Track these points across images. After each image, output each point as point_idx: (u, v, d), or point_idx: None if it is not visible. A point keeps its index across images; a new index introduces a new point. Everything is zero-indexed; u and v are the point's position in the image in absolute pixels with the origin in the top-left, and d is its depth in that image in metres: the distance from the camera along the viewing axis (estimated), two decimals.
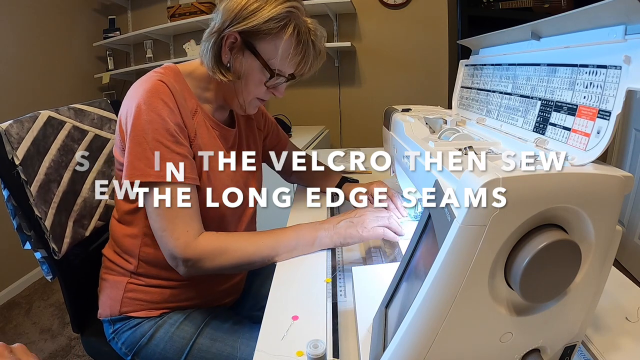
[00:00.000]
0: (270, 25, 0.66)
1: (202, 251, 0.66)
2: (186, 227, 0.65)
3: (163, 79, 0.68)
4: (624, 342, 0.50)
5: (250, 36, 0.68)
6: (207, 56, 0.70)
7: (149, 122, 0.64)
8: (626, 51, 0.33)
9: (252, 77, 0.72)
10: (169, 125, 0.65)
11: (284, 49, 0.68)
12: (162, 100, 0.65)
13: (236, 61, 0.70)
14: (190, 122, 0.70)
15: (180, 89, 0.70)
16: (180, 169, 0.65)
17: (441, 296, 0.33)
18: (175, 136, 0.66)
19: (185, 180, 0.66)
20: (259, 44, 0.68)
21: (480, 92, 0.64)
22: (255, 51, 0.69)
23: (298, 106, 2.50)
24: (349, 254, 0.79)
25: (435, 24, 2.27)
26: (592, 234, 0.33)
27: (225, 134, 0.81)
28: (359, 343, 0.52)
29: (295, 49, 0.69)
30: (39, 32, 2.23)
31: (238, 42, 0.69)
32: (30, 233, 0.81)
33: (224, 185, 0.76)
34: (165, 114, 0.65)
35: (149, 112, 0.64)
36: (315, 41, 0.72)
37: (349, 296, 0.64)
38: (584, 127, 0.37)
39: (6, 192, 0.79)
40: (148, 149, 0.64)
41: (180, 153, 0.66)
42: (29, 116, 0.82)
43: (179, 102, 0.68)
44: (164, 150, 0.64)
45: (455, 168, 0.40)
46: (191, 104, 0.73)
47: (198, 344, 0.75)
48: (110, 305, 0.80)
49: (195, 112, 0.73)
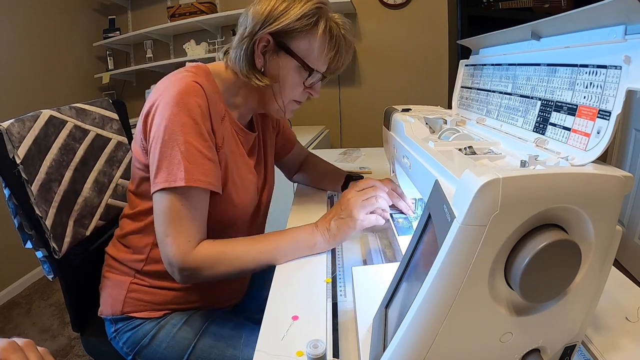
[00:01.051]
0: (303, 23, 0.66)
1: (199, 261, 0.65)
2: (188, 237, 0.64)
3: (198, 79, 0.65)
4: (624, 342, 0.50)
5: (283, 36, 0.67)
6: (241, 62, 0.69)
7: (181, 124, 0.61)
8: (626, 51, 0.33)
9: (290, 78, 0.71)
10: (201, 128, 0.62)
11: (319, 44, 0.68)
12: (197, 102, 0.62)
13: (271, 64, 0.69)
14: (219, 127, 0.68)
15: (212, 92, 0.68)
16: (209, 175, 0.63)
17: (441, 296, 0.33)
18: (206, 140, 0.64)
19: (208, 186, 0.64)
20: (293, 43, 0.68)
21: (480, 92, 0.64)
22: (290, 51, 0.68)
23: None
24: (349, 254, 0.79)
25: (435, 24, 2.27)
26: (592, 234, 0.33)
27: (248, 139, 0.81)
28: (359, 343, 0.52)
29: (330, 44, 0.69)
30: (39, 32, 2.23)
31: (271, 44, 0.68)
32: (31, 232, 0.81)
33: (245, 190, 0.76)
34: (198, 116, 0.62)
35: (181, 114, 0.61)
36: (346, 34, 0.72)
37: (349, 296, 0.64)
38: (584, 127, 0.37)
39: (7, 191, 0.79)
40: (178, 151, 0.61)
41: (210, 158, 0.64)
42: (30, 115, 0.82)
43: (211, 106, 0.65)
44: (195, 154, 0.62)
45: (455, 168, 0.40)
46: (220, 109, 0.71)
47: (200, 346, 0.75)
48: (112, 305, 0.80)
49: (224, 117, 0.71)
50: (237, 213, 0.75)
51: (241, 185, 0.74)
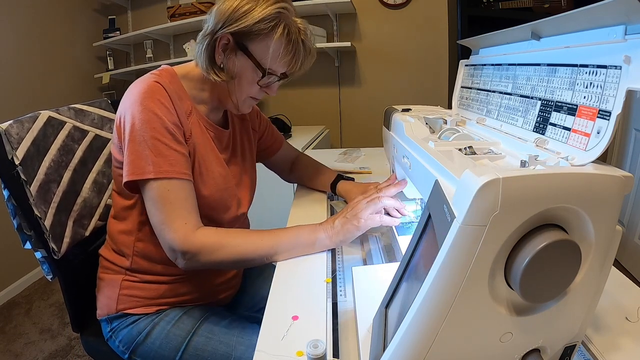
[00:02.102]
0: (261, 26, 0.68)
1: (201, 244, 0.66)
2: (184, 220, 0.66)
3: (159, 80, 0.69)
4: (624, 342, 0.50)
5: (243, 37, 0.70)
6: (202, 57, 0.72)
7: (147, 121, 0.65)
8: (626, 51, 0.33)
9: (245, 77, 0.73)
10: (166, 124, 0.67)
11: (274, 48, 0.70)
12: (159, 100, 0.67)
13: (229, 62, 0.72)
14: (186, 122, 0.72)
15: (175, 90, 0.72)
16: (178, 165, 0.67)
17: (441, 296, 0.33)
18: (172, 134, 0.67)
19: (182, 176, 0.68)
20: (251, 44, 0.70)
21: (480, 92, 0.64)
22: (247, 51, 0.71)
23: (298, 106, 2.50)
24: (349, 254, 0.79)
25: (435, 24, 2.27)
26: (592, 234, 0.33)
27: (219, 135, 0.83)
28: (359, 343, 0.52)
29: (286, 48, 0.71)
30: (39, 32, 2.23)
31: (231, 43, 0.71)
32: (31, 233, 0.81)
33: (215, 185, 0.77)
34: (162, 112, 0.67)
35: (146, 112, 0.66)
36: (305, 40, 0.74)
37: (349, 296, 0.64)
38: (584, 127, 0.37)
39: (6, 192, 0.79)
40: (146, 147, 0.65)
41: (178, 150, 0.68)
42: (29, 116, 0.82)
43: (174, 102, 0.70)
44: (162, 147, 0.66)
45: (455, 168, 0.40)
46: (186, 105, 0.74)
47: (194, 342, 0.76)
48: (107, 304, 0.81)
49: (190, 113, 0.75)
50: (206, 204, 0.76)
51: (208, 177, 0.76)
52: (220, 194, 0.79)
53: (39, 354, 1.61)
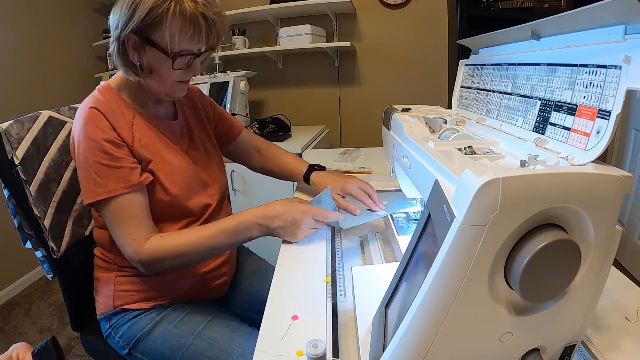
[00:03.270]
0: (154, 14, 0.68)
1: (151, 255, 0.72)
2: (134, 236, 0.72)
3: (95, 104, 0.72)
4: (624, 342, 0.50)
5: (144, 31, 0.70)
6: (118, 62, 0.74)
7: (87, 148, 0.70)
8: (626, 51, 0.33)
9: (161, 67, 0.74)
10: (103, 146, 0.70)
11: (171, 31, 0.69)
12: (95, 125, 0.71)
13: (142, 58, 0.73)
14: (129, 132, 0.75)
15: (114, 104, 0.75)
16: (123, 181, 0.70)
17: (441, 296, 0.33)
18: (110, 154, 0.71)
19: (129, 189, 0.72)
20: (153, 35, 0.70)
21: (480, 92, 0.64)
22: (152, 43, 0.71)
23: (298, 106, 2.50)
24: (349, 254, 0.79)
25: (435, 24, 2.27)
26: (592, 234, 0.33)
27: (170, 127, 0.84)
28: (359, 343, 0.52)
29: (183, 27, 0.70)
30: (39, 32, 2.23)
31: (137, 41, 0.71)
32: (31, 232, 0.81)
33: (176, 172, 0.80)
34: (99, 137, 0.70)
35: (85, 140, 0.70)
36: (206, 12, 0.71)
37: (349, 296, 0.64)
38: (584, 127, 0.37)
39: (7, 191, 0.79)
40: (92, 171, 0.70)
41: (120, 167, 0.71)
42: (29, 116, 0.82)
43: (112, 121, 0.73)
44: (105, 169, 0.70)
45: (455, 168, 0.40)
46: (128, 115, 0.76)
47: (195, 346, 0.76)
48: (105, 303, 0.82)
49: (134, 120, 0.77)
50: (179, 194, 0.79)
51: (169, 169, 0.79)
52: (183, 181, 0.80)
53: None
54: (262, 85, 2.50)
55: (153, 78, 0.75)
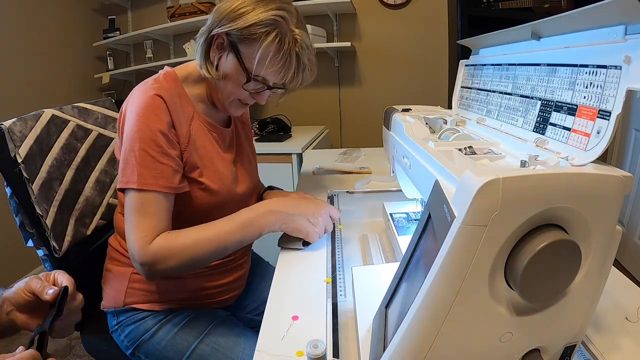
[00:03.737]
0: (253, 30, 0.68)
1: (152, 254, 0.66)
2: (145, 232, 0.67)
3: (160, 92, 0.70)
4: (624, 342, 0.50)
5: (236, 38, 0.70)
6: (198, 53, 0.74)
7: (138, 131, 0.67)
8: (626, 51, 0.33)
9: (233, 78, 0.74)
10: (157, 137, 0.68)
11: (262, 54, 0.69)
12: (155, 113, 0.69)
13: (221, 60, 0.73)
14: (186, 129, 0.74)
15: (177, 96, 0.74)
16: (162, 178, 0.68)
17: (441, 296, 0.33)
18: (161, 146, 0.68)
19: (163, 189, 0.68)
20: (242, 46, 0.70)
21: (480, 92, 0.64)
22: (238, 53, 0.71)
23: (298, 106, 2.50)
24: (349, 254, 0.79)
25: (435, 24, 2.27)
26: (592, 234, 0.33)
27: (221, 134, 0.84)
28: (359, 343, 0.52)
29: (274, 57, 0.70)
30: (39, 32, 2.23)
31: (225, 43, 0.71)
32: (32, 231, 0.81)
33: (220, 181, 0.79)
34: (156, 126, 0.68)
35: (140, 123, 0.68)
36: (301, 53, 0.72)
37: (349, 296, 0.64)
38: (584, 127, 0.37)
39: (9, 189, 0.79)
40: (133, 158, 0.67)
41: (165, 163, 0.69)
42: (32, 114, 0.82)
43: (173, 114, 0.71)
44: (149, 159, 0.67)
45: (455, 168, 0.40)
46: (188, 111, 0.75)
47: (199, 350, 0.76)
48: (115, 297, 0.81)
49: (192, 118, 0.76)
50: (216, 200, 0.78)
51: (216, 176, 0.78)
52: (228, 191, 0.80)
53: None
54: None
55: (221, 83, 0.75)
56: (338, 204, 1.01)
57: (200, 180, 0.75)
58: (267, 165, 1.82)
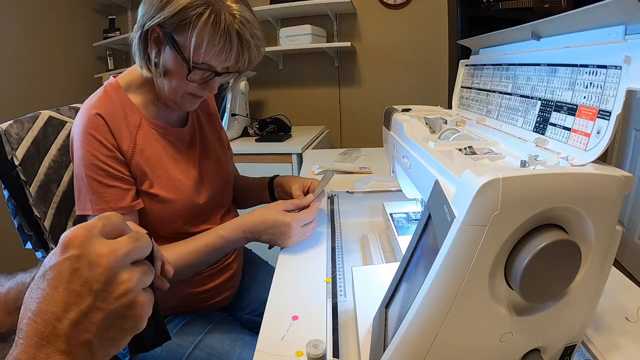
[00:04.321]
0: (185, 14, 0.62)
1: None
2: None
3: (100, 109, 0.68)
4: (624, 342, 0.50)
5: (170, 28, 0.64)
6: (135, 53, 0.70)
7: (82, 157, 0.67)
8: (626, 51, 0.33)
9: (175, 72, 0.68)
10: (100, 162, 0.67)
11: (197, 38, 0.63)
12: (92, 135, 0.67)
13: (160, 56, 0.68)
14: (130, 141, 0.71)
15: (121, 107, 0.71)
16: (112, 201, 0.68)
17: (441, 296, 0.33)
18: (105, 170, 0.67)
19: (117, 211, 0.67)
20: (178, 35, 0.65)
21: (480, 92, 0.64)
22: (175, 44, 0.65)
23: (298, 106, 2.50)
24: (349, 254, 0.79)
25: (435, 24, 2.26)
26: (592, 234, 0.33)
27: (178, 135, 0.80)
28: (359, 343, 0.52)
29: (212, 39, 0.63)
30: (39, 32, 2.23)
31: (160, 36, 0.66)
32: (31, 233, 0.81)
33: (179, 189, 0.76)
34: (95, 149, 0.67)
35: (82, 149, 0.67)
36: (242, 30, 0.65)
37: (349, 296, 0.64)
38: (584, 127, 0.37)
39: (6, 192, 0.79)
40: (83, 185, 0.68)
41: (112, 185, 0.68)
42: (29, 116, 0.82)
43: (115, 130, 0.68)
44: (96, 185, 0.67)
45: (455, 168, 0.40)
46: (133, 121, 0.72)
47: (194, 356, 0.76)
48: None
49: (139, 127, 0.73)
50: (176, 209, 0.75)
51: (170, 185, 0.75)
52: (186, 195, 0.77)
53: None
54: (262, 85, 2.50)
55: (165, 80, 0.70)
56: (338, 204, 1.01)
57: (152, 192, 0.73)
58: (267, 165, 1.82)
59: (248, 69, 0.73)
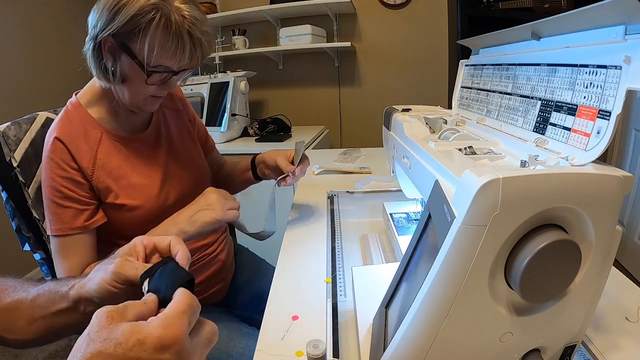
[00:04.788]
0: (136, 22, 0.63)
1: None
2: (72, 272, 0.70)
3: (60, 133, 0.70)
4: (624, 342, 0.50)
5: (123, 37, 0.65)
6: (91, 64, 0.71)
7: (44, 179, 0.71)
8: (626, 51, 0.33)
9: (134, 79, 0.70)
10: (57, 184, 0.69)
11: (150, 44, 0.64)
12: (52, 159, 0.70)
13: (116, 65, 0.69)
14: (91, 159, 0.72)
15: (81, 126, 0.73)
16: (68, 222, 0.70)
17: (441, 296, 0.33)
18: (61, 192, 0.70)
19: (70, 232, 0.70)
20: (131, 43, 0.66)
21: (480, 92, 0.64)
22: (129, 52, 0.66)
23: (298, 106, 2.50)
24: (349, 254, 0.79)
25: (435, 24, 2.27)
26: (592, 234, 0.33)
27: (142, 139, 0.80)
28: (359, 343, 0.52)
29: (165, 42, 0.65)
30: (39, 32, 2.23)
31: (114, 45, 0.67)
32: (29, 234, 0.81)
33: (146, 195, 0.77)
34: (54, 172, 0.70)
35: (44, 171, 0.71)
36: (192, 29, 0.66)
37: (349, 296, 0.64)
38: (584, 127, 0.37)
39: (4, 194, 0.79)
40: (46, 204, 0.71)
41: (68, 206, 0.70)
42: (26, 118, 0.82)
43: (74, 151, 0.70)
44: (53, 206, 0.70)
45: (455, 168, 0.40)
46: (94, 137, 0.73)
47: None
48: None
49: (100, 142, 0.74)
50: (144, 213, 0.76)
51: (133, 191, 0.75)
52: (154, 201, 0.77)
53: (39, 354, 1.61)
54: (262, 85, 2.50)
55: (125, 88, 0.71)
56: (338, 204, 1.01)
57: (118, 202, 0.74)
58: None
59: (200, 63, 0.75)
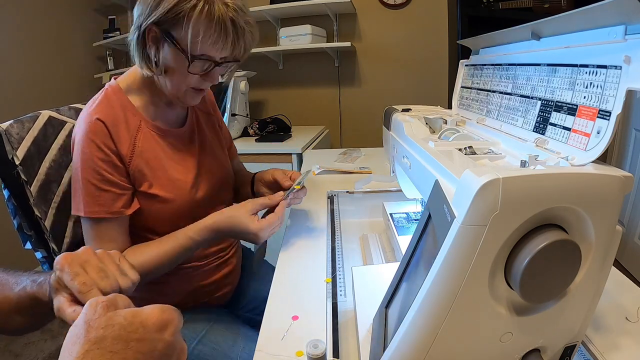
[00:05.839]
0: (179, 9, 0.64)
1: None
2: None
3: (101, 114, 0.69)
4: (624, 342, 0.50)
5: (166, 25, 0.66)
6: (135, 53, 0.71)
7: (81, 161, 0.69)
8: (626, 51, 0.33)
9: (176, 67, 0.69)
10: (97, 165, 0.68)
11: (194, 30, 0.64)
12: (93, 141, 0.68)
13: (159, 54, 0.69)
14: (129, 144, 0.72)
15: (121, 110, 0.72)
16: (106, 205, 0.69)
17: (441, 296, 0.33)
18: (101, 174, 0.69)
19: (108, 215, 0.70)
20: (174, 31, 0.66)
21: (480, 92, 0.64)
22: (172, 39, 0.67)
23: (298, 106, 2.50)
24: (349, 254, 0.79)
25: (435, 24, 2.27)
26: (592, 234, 0.33)
27: (178, 134, 0.81)
28: (359, 343, 0.52)
29: (208, 29, 0.65)
30: (39, 32, 2.23)
31: (158, 34, 0.67)
32: (31, 233, 0.81)
33: (181, 189, 0.77)
34: (95, 154, 0.68)
35: (81, 152, 0.69)
36: (235, 17, 0.67)
37: (349, 296, 0.64)
38: (584, 127, 0.37)
39: (6, 192, 0.79)
40: (79, 187, 0.69)
41: (107, 190, 0.70)
42: (29, 116, 0.82)
43: (114, 135, 0.70)
44: (91, 188, 0.69)
45: (455, 168, 0.40)
46: (134, 123, 0.73)
47: (197, 350, 0.76)
48: None
49: (139, 129, 0.74)
50: (175, 208, 0.77)
51: (170, 185, 0.76)
52: (187, 194, 0.78)
53: (39, 354, 1.61)
54: (262, 85, 2.50)
55: (167, 77, 0.71)
56: (338, 204, 1.01)
57: (151, 192, 0.74)
58: (267, 165, 1.81)
59: (245, 56, 0.75)
